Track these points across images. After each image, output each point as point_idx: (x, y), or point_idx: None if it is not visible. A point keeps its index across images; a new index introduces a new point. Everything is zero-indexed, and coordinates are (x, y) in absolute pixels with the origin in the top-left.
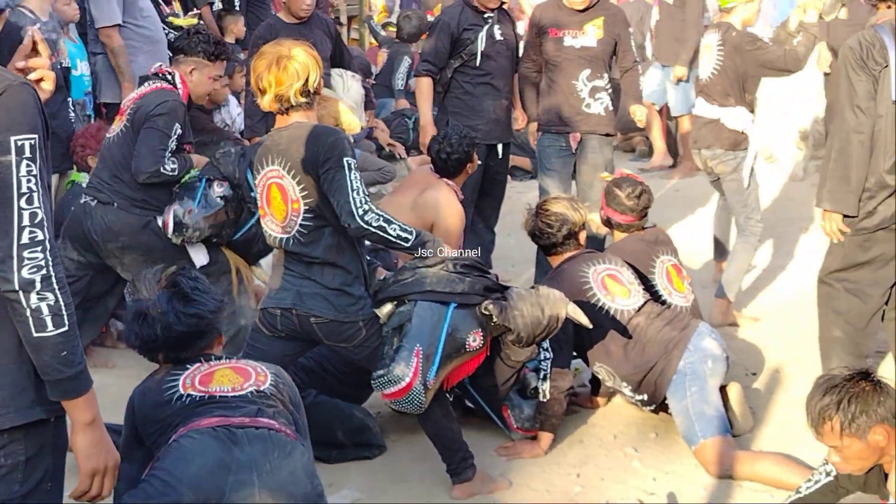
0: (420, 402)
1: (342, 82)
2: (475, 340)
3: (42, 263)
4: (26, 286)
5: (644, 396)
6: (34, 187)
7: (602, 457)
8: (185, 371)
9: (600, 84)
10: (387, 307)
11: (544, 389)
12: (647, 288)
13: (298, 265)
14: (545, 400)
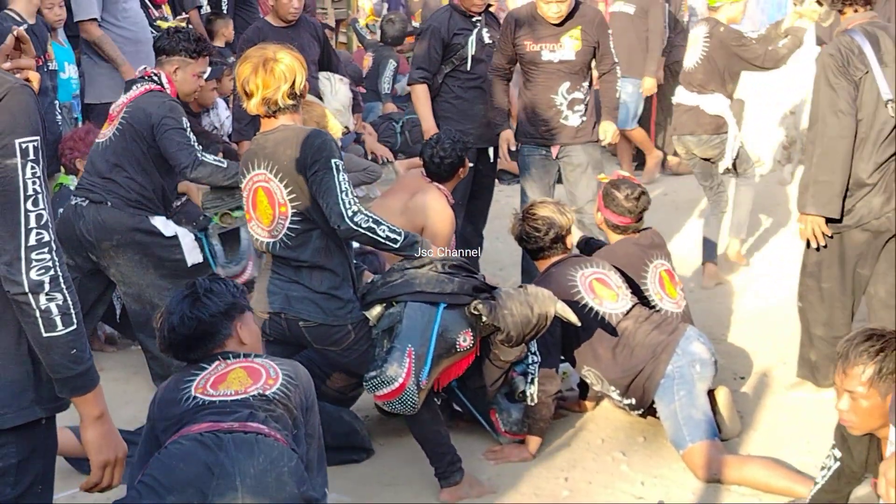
0: (413, 403)
1: (330, 85)
2: (465, 340)
3: (50, 264)
4: (36, 288)
5: (632, 400)
6: (39, 189)
7: (590, 461)
8: (203, 371)
9: (579, 96)
10: (376, 309)
11: (532, 393)
12: (638, 293)
13: (286, 269)
14: (533, 404)
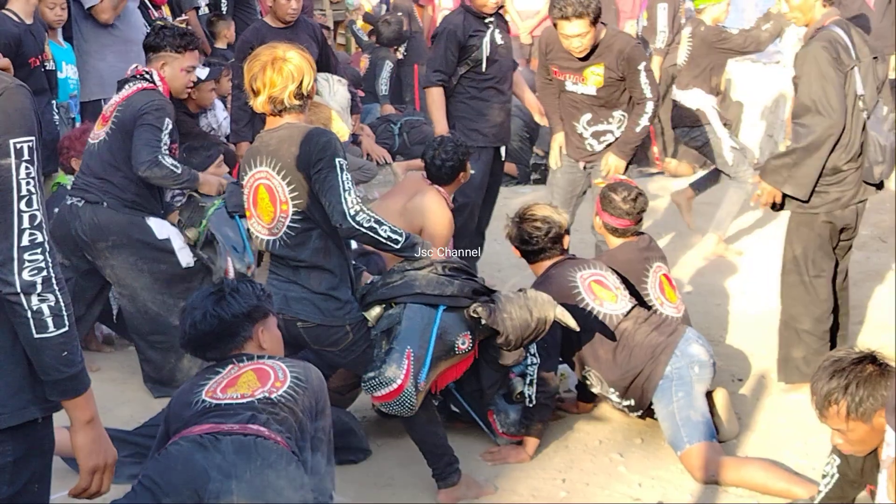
0: (411, 404)
1: (328, 86)
2: (464, 343)
3: (42, 265)
4: (27, 288)
5: (631, 402)
6: (33, 189)
7: (587, 462)
8: (218, 375)
9: (602, 128)
10: (375, 310)
11: (531, 394)
12: (638, 298)
13: (285, 269)
14: (531, 405)
